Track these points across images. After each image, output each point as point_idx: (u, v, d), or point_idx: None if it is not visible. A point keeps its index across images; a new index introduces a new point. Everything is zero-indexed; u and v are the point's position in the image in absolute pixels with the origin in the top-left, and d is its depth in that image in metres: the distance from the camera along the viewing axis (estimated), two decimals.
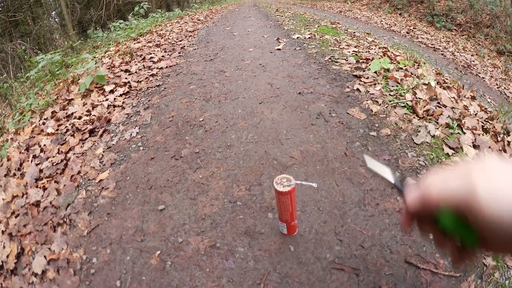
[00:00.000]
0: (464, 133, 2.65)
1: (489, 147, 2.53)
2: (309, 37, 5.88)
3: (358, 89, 3.27)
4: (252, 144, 2.49)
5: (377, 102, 3.01)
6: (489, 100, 6.61)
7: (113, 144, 2.73)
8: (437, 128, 2.63)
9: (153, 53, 5.52)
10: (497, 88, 8.68)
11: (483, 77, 9.00)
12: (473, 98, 3.66)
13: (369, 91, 3.22)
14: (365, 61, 4.14)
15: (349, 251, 1.58)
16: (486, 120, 3.05)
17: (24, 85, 6.00)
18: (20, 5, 11.58)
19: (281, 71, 3.98)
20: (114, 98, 3.63)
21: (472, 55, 10.89)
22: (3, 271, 1.90)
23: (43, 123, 3.38)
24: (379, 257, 1.54)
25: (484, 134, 2.76)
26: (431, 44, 10.82)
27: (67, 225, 1.99)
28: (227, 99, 3.30)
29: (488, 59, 11.05)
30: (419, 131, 2.55)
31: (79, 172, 2.46)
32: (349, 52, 4.67)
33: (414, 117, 2.79)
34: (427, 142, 2.43)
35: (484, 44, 12.95)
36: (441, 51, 10.44)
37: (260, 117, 2.89)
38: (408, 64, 4.15)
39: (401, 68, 4.05)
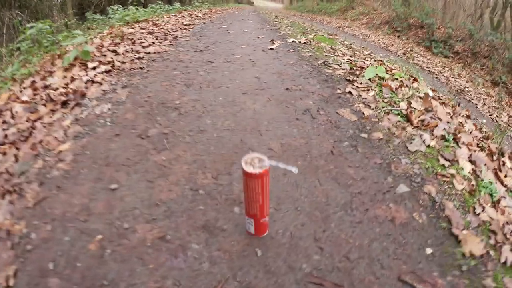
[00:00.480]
0: (460, 147, 2.45)
1: (485, 164, 2.32)
2: (304, 42, 5.66)
3: (350, 92, 3.04)
4: (228, 132, 2.24)
5: (369, 106, 2.79)
6: (482, 124, 6.51)
7: (82, 118, 2.45)
8: (432, 139, 2.43)
9: (144, 39, 5.26)
10: (489, 115, 8.77)
11: (476, 104, 9.03)
12: (468, 116, 3.51)
13: (361, 95, 2.99)
14: (359, 69, 3.94)
15: (331, 262, 1.31)
16: (481, 139, 2.87)
17: (13, 54, 5.72)
18: None
19: (271, 68, 3.74)
20: (95, 75, 3.40)
21: (466, 82, 11.04)
22: None
23: (21, 91, 3.16)
24: (367, 273, 1.28)
25: (480, 151, 2.58)
26: (427, 67, 10.89)
27: (16, 194, 1.71)
28: (210, 87, 3.03)
29: (482, 88, 11.22)
30: (413, 139, 2.33)
31: (41, 141, 2.20)
32: (344, 59, 4.48)
33: (408, 126, 2.58)
34: (421, 151, 2.21)
35: (480, 73, 13.12)
36: (436, 74, 10.53)
37: (241, 106, 2.64)
38: (404, 76, 3.97)
39: (396, 79, 3.87)
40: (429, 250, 1.46)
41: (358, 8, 23.34)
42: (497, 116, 8.82)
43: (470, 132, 3.01)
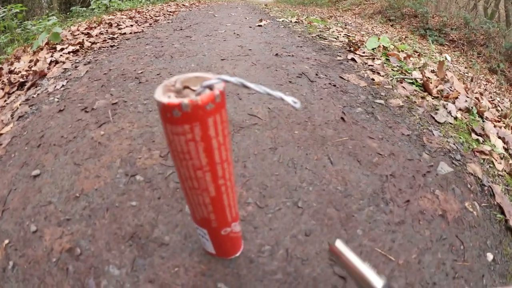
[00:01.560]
0: (485, 122, 1.97)
1: None
2: (296, 22, 5.10)
3: (353, 59, 2.51)
4: None
5: (378, 73, 2.27)
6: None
7: (33, 97, 1.94)
8: (457, 111, 1.93)
9: (123, 23, 4.74)
10: (492, 101, 8.35)
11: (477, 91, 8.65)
12: (481, 94, 3.08)
13: (366, 63, 2.48)
14: (359, 42, 3.42)
15: None
16: (499, 117, 2.40)
17: None
18: None
19: (258, 39, 3.18)
20: (60, 55, 2.94)
21: (465, 67, 10.62)
22: None
23: None
24: None
25: (504, 128, 2.11)
26: (424, 53, 10.47)
27: None
28: (182, 56, 2.47)
29: (481, 74, 10.94)
30: (437, 110, 1.82)
31: None
32: (340, 34, 3.95)
33: (427, 95, 2.07)
34: (450, 123, 1.70)
35: (477, 61, 12.78)
36: (434, 59, 10.11)
37: (218, 71, 2.08)
38: (409, 49, 3.50)
39: (402, 51, 3.37)
40: (490, 256, 0.96)
41: None
42: (499, 101, 8.49)
43: (488, 109, 2.56)
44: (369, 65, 2.41)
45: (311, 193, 1.05)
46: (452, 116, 1.84)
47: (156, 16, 6.15)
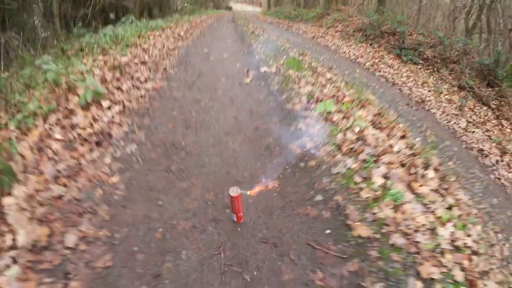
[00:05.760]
0: (378, 166, 3.80)
1: (399, 178, 3.65)
2: (275, 72, 7.23)
3: (300, 128, 4.57)
4: (219, 166, 3.75)
5: (312, 140, 4.29)
6: (428, 135, 7.98)
7: (118, 156, 3.81)
8: (355, 162, 3.85)
9: (140, 72, 6.65)
10: (447, 123, 10.07)
11: (434, 113, 10.43)
12: (402, 137, 4.85)
13: (308, 131, 4.51)
14: (315, 101, 5.45)
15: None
16: (410, 155, 4.22)
17: (18, 82, 6.42)
18: None
19: (245, 107, 5.34)
20: (112, 116, 4.64)
21: (429, 91, 12.38)
22: (36, 248, 2.62)
23: (50, 129, 4.16)
24: (290, 241, 2.80)
25: (401, 167, 3.94)
26: (391, 79, 12.32)
27: (90, 213, 3.03)
28: (202, 128, 4.56)
29: (446, 95, 12.52)
30: (338, 164, 3.82)
31: (93, 175, 3.50)
32: (305, 91, 5.98)
33: (338, 153, 4.06)
34: (342, 173, 3.69)
35: (448, 79, 14.34)
36: (399, 86, 11.89)
37: (225, 145, 4.17)
38: (351, 106, 5.46)
39: (341, 111, 5.37)
40: (328, 231, 2.95)
41: (334, 14, 24.76)
42: (454, 123, 10.25)
43: (398, 152, 4.45)
44: (310, 133, 4.44)
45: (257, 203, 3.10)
46: (346, 168, 3.81)
47: (162, 59, 8.14)
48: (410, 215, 3.22)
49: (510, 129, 11.37)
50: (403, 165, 4.03)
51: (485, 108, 12.59)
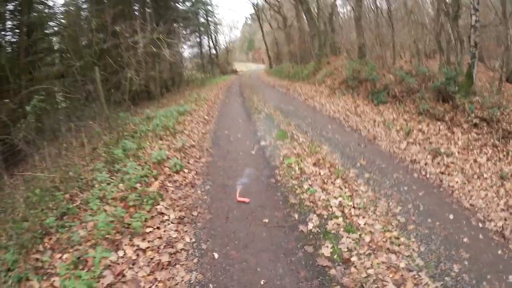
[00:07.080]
0: (307, 181, 9.66)
1: (317, 185, 9.19)
2: (269, 144, 13.04)
3: (275, 170, 10.78)
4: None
5: (279, 174, 10.45)
6: (359, 161, 11.02)
7: (202, 191, 9.99)
8: (297, 181, 9.96)
9: (194, 153, 11.61)
10: (389, 150, 11.97)
11: (380, 145, 12.43)
12: (330, 167, 10.92)
13: (279, 172, 10.71)
14: (286, 158, 11.63)
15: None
16: (328, 175, 10.19)
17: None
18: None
19: (252, 164, 11.22)
20: (192, 176, 10.76)
21: (381, 128, 13.83)
22: None
23: (162, 182, 8.77)
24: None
25: (321, 181, 10.05)
26: (355, 126, 14.66)
27: None
28: (236, 177, 10.03)
29: (396, 125, 13.84)
30: (289, 183, 9.91)
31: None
32: (282, 153, 11.92)
33: (290, 178, 10.16)
34: (289, 185, 9.80)
35: (410, 107, 15.53)
36: (361, 130, 14.07)
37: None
38: (304, 157, 11.51)
39: (297, 161, 10.99)
40: (280, 202, 9.05)
41: (325, 68, 27.16)
42: (396, 147, 11.99)
43: (322, 174, 10.60)
44: (278, 172, 10.69)
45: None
46: (292, 184, 9.76)
47: (203, 142, 12.94)
48: (317, 197, 7.67)
49: (461, 132, 12.50)
50: (322, 180, 9.56)
51: (439, 123, 13.53)
